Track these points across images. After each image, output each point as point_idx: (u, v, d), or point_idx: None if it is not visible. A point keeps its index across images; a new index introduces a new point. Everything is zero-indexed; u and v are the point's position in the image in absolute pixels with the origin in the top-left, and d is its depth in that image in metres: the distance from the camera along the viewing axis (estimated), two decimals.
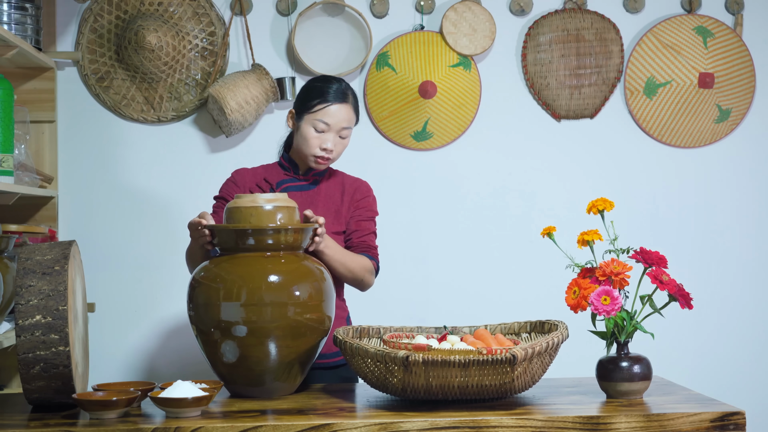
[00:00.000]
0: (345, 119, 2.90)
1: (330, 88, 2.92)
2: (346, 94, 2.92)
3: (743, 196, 3.97)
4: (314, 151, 2.90)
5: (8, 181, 3.10)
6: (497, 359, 2.29)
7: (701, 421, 2.26)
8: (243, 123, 3.70)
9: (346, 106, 2.91)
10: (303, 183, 2.99)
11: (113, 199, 3.79)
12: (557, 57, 3.89)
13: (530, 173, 3.92)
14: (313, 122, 2.89)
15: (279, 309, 2.46)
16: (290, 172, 3.00)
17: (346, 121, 2.91)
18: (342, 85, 2.93)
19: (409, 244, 3.88)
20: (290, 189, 2.97)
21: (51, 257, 2.32)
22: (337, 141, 2.91)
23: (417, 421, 2.22)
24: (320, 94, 2.90)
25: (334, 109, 2.89)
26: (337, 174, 3.05)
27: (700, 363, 3.94)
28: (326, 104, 2.89)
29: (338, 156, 2.95)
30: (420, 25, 3.87)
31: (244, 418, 2.27)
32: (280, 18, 3.83)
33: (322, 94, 2.90)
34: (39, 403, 2.35)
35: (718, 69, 3.91)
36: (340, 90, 2.92)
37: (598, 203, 2.51)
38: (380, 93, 3.84)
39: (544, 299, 3.55)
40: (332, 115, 2.89)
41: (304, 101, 2.93)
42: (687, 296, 2.43)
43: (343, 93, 2.91)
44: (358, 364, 2.43)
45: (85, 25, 3.75)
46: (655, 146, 3.94)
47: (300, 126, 2.92)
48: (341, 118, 2.90)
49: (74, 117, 3.79)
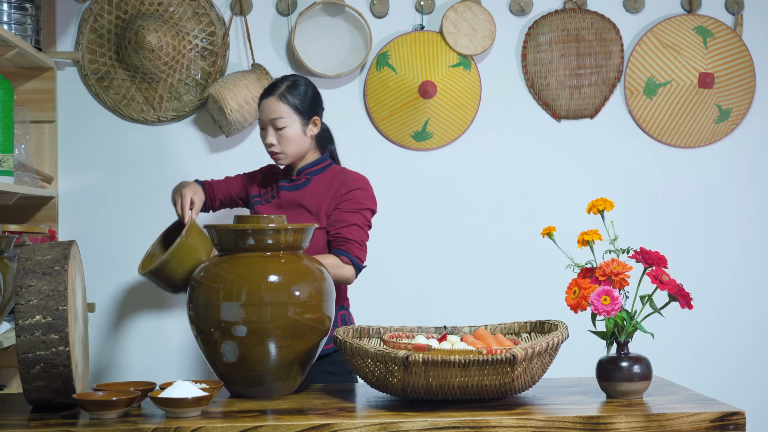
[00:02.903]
0: (270, 110, 3.02)
1: (266, 86, 3.12)
2: (275, 86, 3.05)
3: (743, 196, 3.97)
4: (266, 150, 3.07)
5: (8, 181, 3.10)
6: (497, 359, 2.29)
7: (701, 421, 2.26)
8: (243, 123, 3.70)
9: (270, 99, 3.03)
10: (296, 183, 3.10)
11: (113, 199, 3.79)
12: (557, 57, 3.89)
13: (530, 173, 3.92)
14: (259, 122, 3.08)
15: (279, 309, 2.46)
16: (287, 173, 3.13)
17: (273, 112, 3.02)
18: (278, 81, 3.07)
19: (409, 244, 3.88)
20: (284, 188, 3.11)
21: (51, 257, 2.32)
22: (276, 135, 3.03)
23: (417, 421, 2.22)
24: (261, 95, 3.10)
25: (261, 105, 3.06)
26: (334, 170, 3.11)
27: (700, 363, 3.94)
28: (259, 101, 3.07)
29: (292, 147, 3.04)
30: (420, 25, 3.87)
31: (244, 418, 2.27)
32: (280, 18, 3.83)
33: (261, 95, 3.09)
34: (39, 403, 2.35)
35: (718, 69, 3.91)
36: (271, 85, 3.07)
37: (598, 203, 2.51)
38: (380, 93, 3.84)
39: (544, 299, 3.55)
40: (261, 110, 3.05)
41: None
42: (687, 296, 2.43)
43: (272, 86, 3.05)
44: (358, 364, 2.43)
45: (85, 25, 3.75)
46: (655, 146, 3.94)
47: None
48: (267, 110, 3.03)
49: (74, 117, 3.79)
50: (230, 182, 3.26)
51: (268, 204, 3.12)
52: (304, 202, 3.04)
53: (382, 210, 3.76)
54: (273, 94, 3.02)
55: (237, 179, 3.27)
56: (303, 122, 3.04)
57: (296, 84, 3.05)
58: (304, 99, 3.04)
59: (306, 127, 3.05)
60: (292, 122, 3.02)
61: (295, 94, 3.03)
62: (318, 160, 3.11)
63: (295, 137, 3.03)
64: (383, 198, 3.86)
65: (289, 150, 3.03)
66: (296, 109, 3.02)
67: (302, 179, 3.08)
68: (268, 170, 3.24)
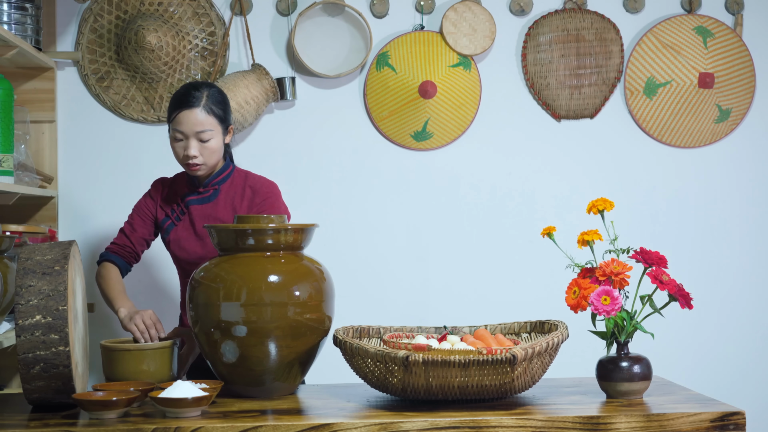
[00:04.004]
0: (196, 123, 2.86)
1: (180, 95, 2.89)
2: (195, 97, 2.87)
3: (743, 196, 3.97)
4: (182, 161, 2.91)
5: (8, 181, 3.10)
6: (497, 359, 2.29)
7: (701, 421, 2.26)
8: (243, 123, 3.70)
9: (194, 110, 2.86)
10: (204, 195, 2.98)
11: (113, 199, 3.79)
12: (557, 57, 3.89)
13: (530, 173, 3.92)
14: (173, 132, 2.90)
15: (279, 309, 2.46)
16: (192, 185, 3.00)
17: (199, 125, 2.86)
18: (193, 90, 2.89)
19: (409, 244, 3.88)
20: (192, 203, 2.98)
21: (51, 257, 2.31)
22: (199, 146, 2.88)
23: (417, 421, 2.22)
24: (173, 103, 2.90)
25: (182, 116, 2.87)
26: (239, 176, 3.01)
27: (700, 363, 3.94)
28: (176, 112, 2.88)
29: (215, 157, 2.91)
30: (420, 25, 3.87)
31: (244, 418, 2.27)
32: (280, 18, 3.83)
33: (174, 103, 2.90)
34: (39, 403, 2.35)
35: (718, 69, 3.91)
36: (189, 95, 2.88)
37: (598, 203, 2.51)
38: (380, 93, 3.84)
39: (544, 299, 3.55)
40: (182, 123, 2.87)
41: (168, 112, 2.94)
42: (687, 296, 2.43)
43: (191, 97, 2.87)
44: (358, 364, 2.43)
45: (85, 25, 3.75)
46: (655, 146, 3.94)
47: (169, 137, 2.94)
48: (192, 123, 2.86)
49: (74, 117, 3.79)
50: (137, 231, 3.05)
51: (180, 223, 2.99)
52: (219, 214, 2.94)
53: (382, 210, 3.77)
54: (196, 106, 2.86)
55: (140, 223, 3.05)
56: (224, 132, 2.94)
57: (216, 93, 2.92)
58: (225, 108, 2.93)
59: (225, 136, 2.96)
60: (216, 133, 2.89)
61: (218, 105, 2.90)
62: (223, 168, 2.98)
63: (218, 148, 2.91)
64: (383, 198, 3.87)
65: (210, 161, 2.90)
66: (220, 120, 2.91)
67: (210, 190, 2.98)
68: (161, 188, 3.07)
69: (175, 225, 3.00)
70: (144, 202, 3.07)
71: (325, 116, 3.86)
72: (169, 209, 3.02)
